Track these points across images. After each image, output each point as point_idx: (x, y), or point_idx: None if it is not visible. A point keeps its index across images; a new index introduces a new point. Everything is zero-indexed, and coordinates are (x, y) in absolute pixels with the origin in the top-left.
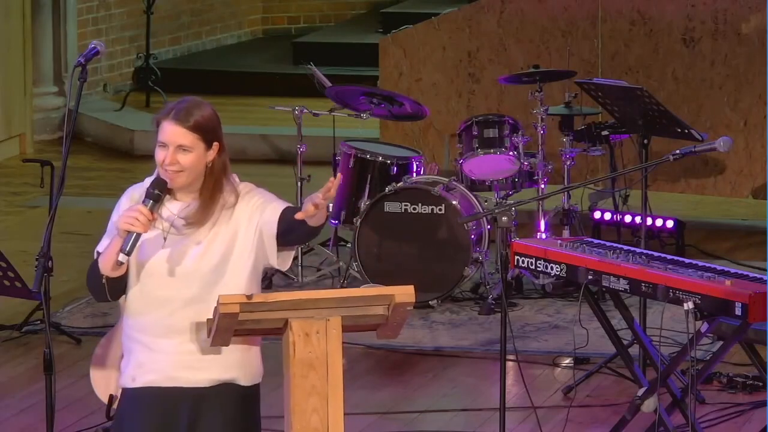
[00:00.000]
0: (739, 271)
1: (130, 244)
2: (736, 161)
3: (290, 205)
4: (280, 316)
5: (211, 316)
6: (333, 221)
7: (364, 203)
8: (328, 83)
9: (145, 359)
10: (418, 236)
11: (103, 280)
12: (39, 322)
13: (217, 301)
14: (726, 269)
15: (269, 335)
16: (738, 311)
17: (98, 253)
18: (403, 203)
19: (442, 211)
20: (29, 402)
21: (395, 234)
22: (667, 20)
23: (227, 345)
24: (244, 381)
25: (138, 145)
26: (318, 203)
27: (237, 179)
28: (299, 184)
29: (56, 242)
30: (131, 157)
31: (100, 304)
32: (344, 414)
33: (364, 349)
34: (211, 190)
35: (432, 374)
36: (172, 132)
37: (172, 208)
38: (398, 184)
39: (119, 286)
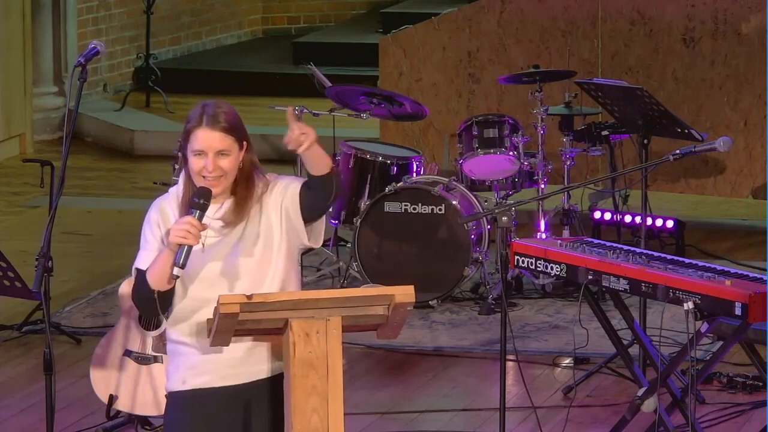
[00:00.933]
0: (739, 271)
1: (183, 256)
2: (736, 161)
3: (306, 179)
4: (281, 316)
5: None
6: (333, 221)
7: (364, 203)
8: (328, 83)
9: (197, 361)
10: (418, 236)
11: (155, 296)
12: (39, 322)
13: (217, 301)
14: (726, 269)
15: (269, 335)
16: (738, 311)
17: (138, 270)
18: (403, 203)
19: (442, 211)
20: (29, 402)
21: (395, 234)
22: (667, 20)
23: (227, 345)
24: (275, 370)
25: (138, 145)
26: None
27: (263, 170)
28: None
29: (56, 242)
30: (131, 157)
31: (100, 305)
32: (344, 414)
33: (364, 349)
34: (245, 189)
35: (432, 374)
36: (209, 138)
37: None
38: (398, 184)
39: (169, 298)
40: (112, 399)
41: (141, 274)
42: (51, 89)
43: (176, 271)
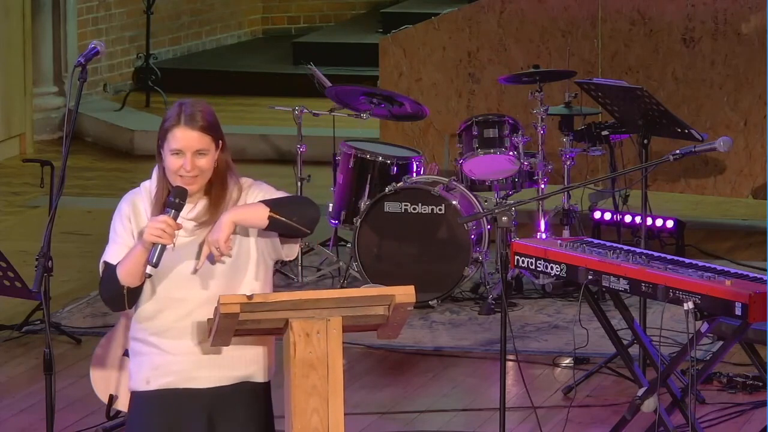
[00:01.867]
0: (739, 271)
1: (156, 255)
2: (736, 161)
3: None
4: (281, 316)
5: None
6: (333, 221)
7: (364, 203)
8: (328, 83)
9: (161, 361)
10: (418, 236)
11: (124, 291)
12: (39, 322)
13: (218, 301)
14: (726, 269)
15: (269, 335)
16: (738, 311)
17: (105, 263)
18: (403, 203)
19: (442, 211)
20: (29, 402)
21: (395, 234)
22: (667, 20)
23: (227, 345)
24: (261, 377)
25: (138, 145)
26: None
27: (236, 172)
28: (299, 184)
29: (56, 242)
30: (131, 157)
31: (100, 305)
32: (344, 414)
33: (364, 349)
34: (219, 189)
35: (432, 374)
36: (187, 138)
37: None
38: (398, 184)
39: (137, 293)
40: (112, 399)
41: (110, 268)
42: (51, 89)
43: (149, 269)
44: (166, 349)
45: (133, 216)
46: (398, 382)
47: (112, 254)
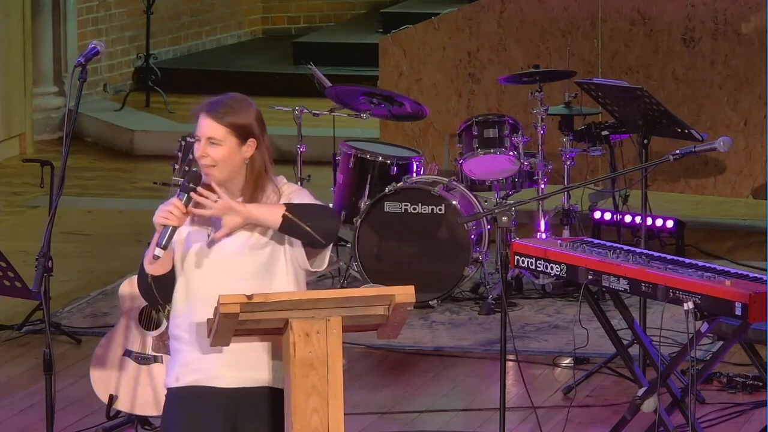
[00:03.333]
0: (739, 271)
1: (166, 237)
2: (736, 161)
3: (317, 203)
4: (281, 316)
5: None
6: None
7: (364, 203)
8: (328, 83)
9: (190, 359)
10: (418, 236)
11: (149, 280)
12: (39, 322)
13: (218, 301)
14: (726, 269)
15: (270, 335)
16: (738, 311)
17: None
18: (403, 203)
19: (442, 211)
20: (29, 402)
21: (395, 234)
22: (667, 20)
23: (227, 345)
24: (277, 383)
25: (138, 145)
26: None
27: (283, 180)
28: (299, 184)
29: (56, 242)
30: (131, 157)
31: (100, 305)
32: (344, 414)
33: (364, 349)
34: (252, 189)
35: (432, 374)
36: (203, 124)
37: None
38: (398, 184)
39: (168, 287)
40: (112, 399)
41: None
42: (51, 89)
43: (157, 251)
44: (195, 346)
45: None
46: (398, 382)
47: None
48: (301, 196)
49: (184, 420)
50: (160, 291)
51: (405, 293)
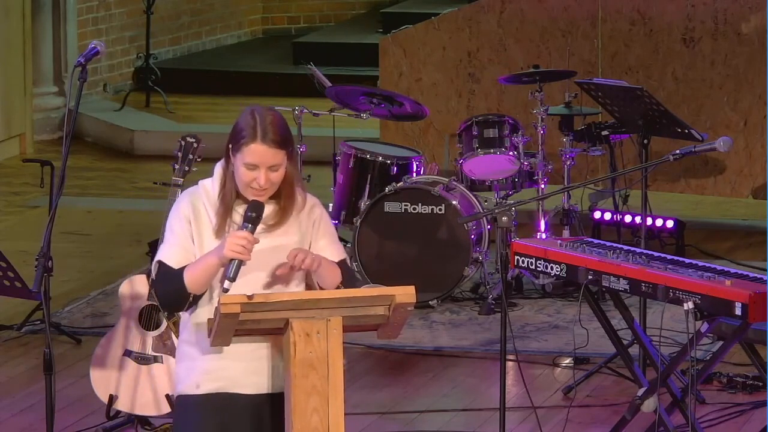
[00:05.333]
0: (739, 271)
1: (233, 270)
2: (736, 161)
3: (345, 258)
4: (281, 316)
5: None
6: (333, 221)
7: (364, 203)
8: (328, 83)
9: (213, 366)
10: (418, 236)
11: (191, 298)
12: (39, 322)
13: (218, 301)
14: (726, 269)
15: (270, 335)
16: (738, 311)
17: (161, 263)
18: (403, 203)
19: (442, 211)
20: (29, 402)
21: (395, 234)
22: (667, 20)
23: (227, 345)
24: None
25: (138, 145)
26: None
27: (301, 180)
28: None
29: (56, 242)
30: (131, 157)
31: (100, 305)
32: (344, 414)
33: (364, 349)
34: (287, 195)
35: (432, 374)
36: (263, 154)
37: (243, 211)
38: (398, 184)
39: (198, 299)
40: (112, 399)
41: (168, 270)
42: (51, 89)
43: (227, 284)
44: (218, 354)
45: (193, 218)
46: (398, 382)
47: (171, 256)
48: (324, 218)
49: (209, 427)
50: (192, 304)
51: (405, 293)
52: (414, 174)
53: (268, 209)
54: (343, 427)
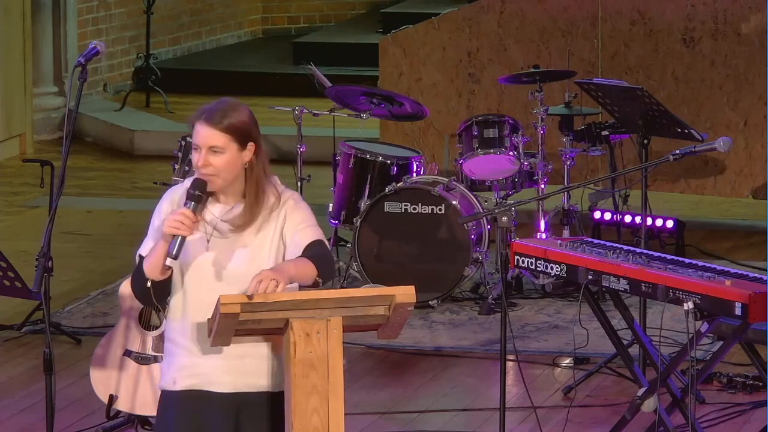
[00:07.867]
0: (739, 271)
1: (176, 247)
2: (736, 161)
3: (319, 238)
4: (281, 316)
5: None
6: (333, 221)
7: (364, 203)
8: (328, 83)
9: (188, 363)
10: (418, 236)
11: (149, 285)
12: (39, 322)
13: (218, 301)
14: (726, 269)
15: (270, 335)
16: (738, 311)
17: (140, 257)
18: (403, 203)
19: (442, 211)
20: (29, 402)
21: (395, 234)
22: (667, 20)
23: (227, 345)
24: (277, 387)
25: (138, 145)
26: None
27: (278, 181)
28: (299, 184)
29: (56, 242)
30: (131, 157)
31: (100, 305)
32: (344, 414)
33: (364, 349)
34: (255, 194)
35: (432, 374)
36: (203, 134)
37: (214, 210)
38: (398, 184)
39: (165, 290)
40: (112, 399)
41: (140, 261)
42: (51, 89)
43: (169, 261)
44: (192, 351)
45: (171, 212)
46: (398, 382)
47: (146, 248)
48: (301, 209)
49: (184, 423)
50: (157, 295)
51: (405, 293)
52: (414, 174)
53: (237, 209)
54: (343, 427)
